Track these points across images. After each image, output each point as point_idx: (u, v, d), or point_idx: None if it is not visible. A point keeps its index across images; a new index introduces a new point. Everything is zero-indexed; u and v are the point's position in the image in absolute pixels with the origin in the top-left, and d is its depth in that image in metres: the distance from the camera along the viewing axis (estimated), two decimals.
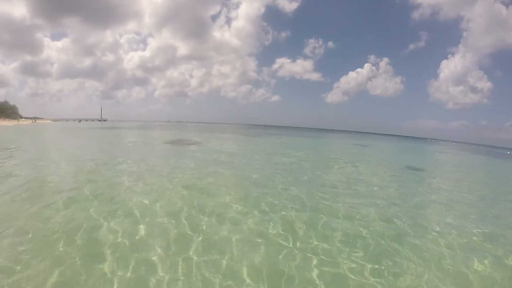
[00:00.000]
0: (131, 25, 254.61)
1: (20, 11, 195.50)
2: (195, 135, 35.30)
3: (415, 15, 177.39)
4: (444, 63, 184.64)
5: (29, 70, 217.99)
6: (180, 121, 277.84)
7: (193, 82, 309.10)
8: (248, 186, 8.30)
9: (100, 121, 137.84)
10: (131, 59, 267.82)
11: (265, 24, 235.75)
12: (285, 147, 25.66)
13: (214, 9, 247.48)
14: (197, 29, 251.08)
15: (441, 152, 37.89)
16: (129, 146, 20.41)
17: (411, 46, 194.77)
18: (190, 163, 11.83)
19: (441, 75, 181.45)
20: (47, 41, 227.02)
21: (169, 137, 30.29)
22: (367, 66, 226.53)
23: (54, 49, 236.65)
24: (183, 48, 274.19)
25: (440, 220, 6.31)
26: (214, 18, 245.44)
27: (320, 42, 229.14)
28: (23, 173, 8.62)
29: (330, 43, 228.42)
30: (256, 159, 14.97)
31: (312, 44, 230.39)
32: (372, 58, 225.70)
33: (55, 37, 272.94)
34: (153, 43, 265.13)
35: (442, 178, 13.82)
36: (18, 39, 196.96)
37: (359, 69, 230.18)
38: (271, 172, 10.99)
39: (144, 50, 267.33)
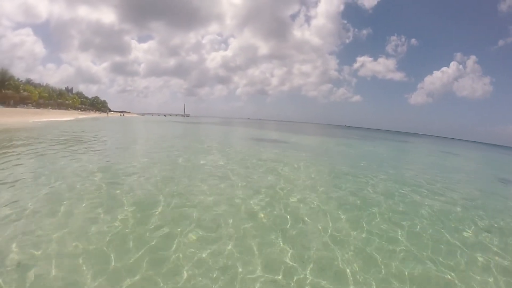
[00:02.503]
0: (213, 27, 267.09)
1: (109, 17, 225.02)
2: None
3: (503, 7, 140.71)
4: None
5: (118, 69, 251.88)
6: (260, 119, 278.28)
7: (274, 81, 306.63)
8: None
9: (183, 116, 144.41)
10: (214, 59, 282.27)
11: (345, 21, 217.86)
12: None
13: (293, 9, 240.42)
14: (277, 29, 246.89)
15: None
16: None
17: (500, 42, 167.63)
18: None
19: None
20: (134, 43, 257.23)
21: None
22: (453, 64, 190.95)
23: (141, 51, 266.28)
24: (264, 48, 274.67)
25: None
26: (294, 17, 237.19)
27: (403, 39, 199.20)
28: None
29: (413, 40, 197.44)
30: None
31: (394, 42, 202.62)
32: (458, 56, 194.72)
33: (142, 39, 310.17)
34: (234, 43, 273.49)
35: None
36: (108, 42, 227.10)
37: (444, 68, 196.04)
38: None
39: (225, 50, 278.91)
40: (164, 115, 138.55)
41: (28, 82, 61.36)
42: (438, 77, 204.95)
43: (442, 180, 9.90)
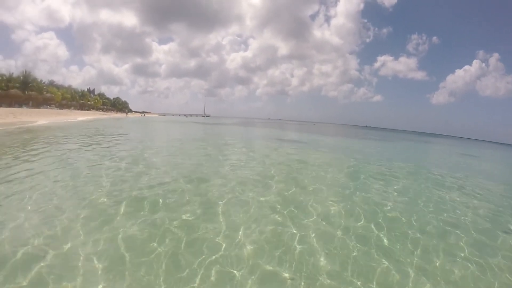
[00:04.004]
0: (233, 28, 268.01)
1: (131, 20, 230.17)
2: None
3: None
4: None
5: (139, 70, 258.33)
6: (280, 119, 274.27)
7: (294, 81, 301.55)
8: None
9: (203, 116, 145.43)
10: (234, 60, 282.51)
11: (365, 20, 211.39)
12: None
13: (312, 8, 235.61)
14: (297, 29, 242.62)
15: None
16: None
17: None
18: None
19: None
20: (155, 45, 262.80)
21: None
22: (475, 63, 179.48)
23: (162, 52, 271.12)
24: (283, 48, 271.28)
25: None
26: (313, 17, 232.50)
27: (424, 38, 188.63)
28: None
29: (434, 39, 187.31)
30: None
31: (415, 40, 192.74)
32: (480, 53, 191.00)
33: (163, 41, 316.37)
34: (254, 44, 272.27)
35: None
36: (129, 44, 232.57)
37: (467, 67, 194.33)
38: None
39: (245, 50, 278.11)
40: (185, 116, 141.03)
41: (51, 83, 62.63)
42: (460, 76, 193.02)
43: None
